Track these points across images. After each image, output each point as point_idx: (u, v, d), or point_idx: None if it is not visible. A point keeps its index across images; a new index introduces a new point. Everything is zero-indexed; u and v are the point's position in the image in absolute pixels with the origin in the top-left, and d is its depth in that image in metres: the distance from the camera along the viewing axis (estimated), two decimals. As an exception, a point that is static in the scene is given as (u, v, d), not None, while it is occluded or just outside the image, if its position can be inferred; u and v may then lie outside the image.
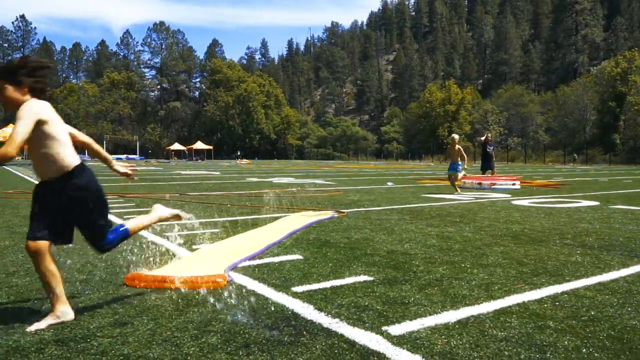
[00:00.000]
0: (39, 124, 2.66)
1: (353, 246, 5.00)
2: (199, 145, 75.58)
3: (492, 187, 13.23)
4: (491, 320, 2.82)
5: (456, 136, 12.14)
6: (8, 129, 40.92)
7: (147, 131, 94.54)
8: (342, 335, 2.59)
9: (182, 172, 25.54)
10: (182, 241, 5.17)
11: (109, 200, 3.15)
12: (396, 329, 2.67)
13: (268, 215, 7.41)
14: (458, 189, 11.97)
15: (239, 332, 2.62)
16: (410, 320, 2.82)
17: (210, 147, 76.69)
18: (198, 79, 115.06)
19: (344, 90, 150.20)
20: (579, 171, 31.48)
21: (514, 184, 13.43)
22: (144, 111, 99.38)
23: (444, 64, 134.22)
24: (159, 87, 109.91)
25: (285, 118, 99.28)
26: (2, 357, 2.30)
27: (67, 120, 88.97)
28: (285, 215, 7.30)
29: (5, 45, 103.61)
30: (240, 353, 2.36)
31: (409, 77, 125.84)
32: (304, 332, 2.63)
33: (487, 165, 15.70)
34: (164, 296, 3.26)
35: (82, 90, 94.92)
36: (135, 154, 79.68)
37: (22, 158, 52.70)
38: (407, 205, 9.02)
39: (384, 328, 2.69)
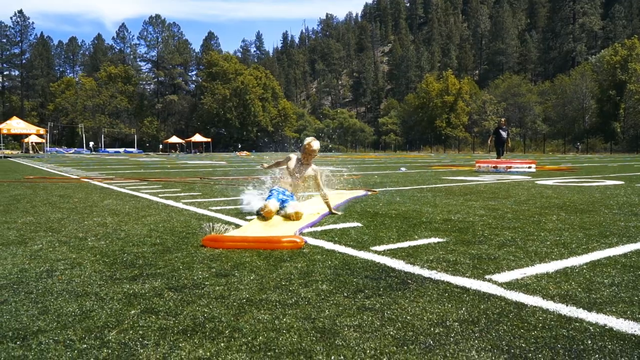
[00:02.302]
0: None
1: (405, 216, 5.00)
2: (197, 137, 75.28)
3: (508, 170, 13.25)
4: (589, 271, 2.83)
5: (315, 144, 5.15)
6: (12, 122, 40.59)
7: (145, 124, 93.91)
8: (449, 283, 2.59)
9: (189, 162, 25.44)
10: (232, 215, 5.16)
11: (135, 184, 3.14)
12: (500, 277, 2.68)
13: (301, 194, 7.39)
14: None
15: (345, 282, 2.62)
16: (509, 270, 2.82)
17: (209, 140, 76.41)
18: (194, 72, 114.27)
19: (340, 82, 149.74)
20: (584, 159, 31.59)
21: (530, 167, 13.45)
22: (141, 104, 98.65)
23: (440, 54, 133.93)
24: (155, 80, 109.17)
25: (283, 110, 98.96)
26: (126, 300, 2.29)
27: (65, 114, 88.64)
28: (318, 193, 7.28)
29: (4, 40, 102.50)
30: (359, 297, 2.36)
31: (406, 68, 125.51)
32: (409, 281, 2.63)
33: (502, 149, 15.75)
34: (247, 254, 3.25)
35: (79, 84, 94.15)
36: (133, 147, 79.24)
37: (34, 152, 52.34)
38: (434, 185, 9.02)
39: (487, 277, 2.70)
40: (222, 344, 1.80)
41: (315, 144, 5.13)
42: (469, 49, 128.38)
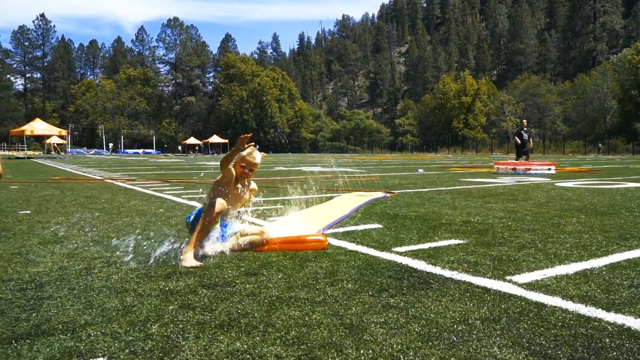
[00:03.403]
0: None
1: (425, 218, 5.08)
2: (215, 139, 75.95)
3: (527, 172, 13.19)
4: (608, 273, 2.89)
5: (258, 156, 3.63)
6: (35, 123, 41.50)
7: (163, 126, 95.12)
8: (470, 283, 2.68)
9: (208, 163, 25.75)
10: (255, 216, 5.29)
11: (158, 186, 3.28)
12: (521, 278, 2.76)
13: (321, 195, 7.50)
14: None
15: (369, 281, 2.72)
16: (529, 272, 2.90)
17: (226, 141, 77.04)
18: (212, 74, 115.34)
19: (357, 83, 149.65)
20: (605, 160, 31.14)
21: (549, 169, 13.37)
22: (159, 106, 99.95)
23: (457, 55, 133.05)
24: (173, 82, 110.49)
25: (299, 112, 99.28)
26: (163, 297, 2.43)
27: (86, 115, 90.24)
28: (338, 195, 7.39)
29: (26, 43, 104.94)
30: (383, 295, 2.46)
31: (422, 69, 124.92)
32: (431, 281, 2.73)
33: (523, 151, 15.67)
34: (274, 254, 3.37)
35: (99, 87, 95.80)
36: (152, 148, 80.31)
37: (56, 153, 53.42)
38: (453, 187, 9.06)
39: (507, 277, 2.78)
40: (257, 338, 1.91)
41: (258, 156, 3.59)
42: (487, 49, 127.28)
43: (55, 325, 2.07)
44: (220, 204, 3.27)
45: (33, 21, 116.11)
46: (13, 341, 1.89)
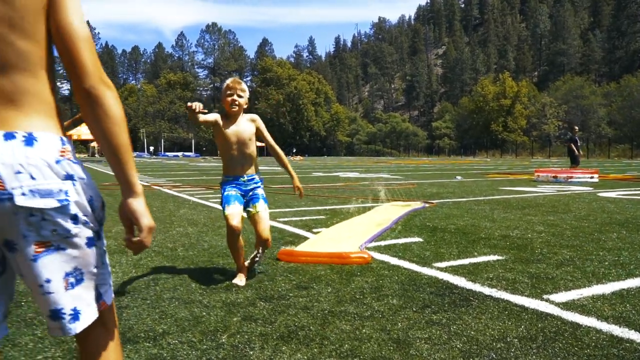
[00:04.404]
0: None
1: (464, 231, 5.22)
2: (252, 142, 77.23)
3: (569, 180, 13.00)
4: (645, 292, 3.00)
5: (228, 80, 3.48)
6: (82, 128, 43.29)
7: (202, 129, 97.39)
8: (509, 301, 2.85)
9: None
10: (299, 227, 5.56)
11: (203, 193, 3.55)
12: (557, 297, 2.90)
13: (361, 205, 7.72)
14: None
15: (412, 297, 2.93)
16: (566, 291, 3.04)
17: (263, 145, 78.15)
18: (249, 78, 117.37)
19: (393, 86, 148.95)
20: (650, 165, 30.05)
21: (592, 177, 13.14)
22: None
23: (496, 56, 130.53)
24: (212, 86, 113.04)
25: (335, 115, 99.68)
26: (226, 308, 2.71)
27: (128, 119, 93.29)
28: (377, 205, 7.58)
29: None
30: (426, 311, 2.67)
31: (460, 71, 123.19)
32: (471, 298, 2.91)
33: (577, 160, 15.58)
34: (321, 267, 3.62)
35: (141, 91, 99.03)
36: (191, 151, 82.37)
37: (100, 156, 55.60)
38: (491, 197, 9.10)
39: (545, 296, 2.93)
40: (315, 350, 2.16)
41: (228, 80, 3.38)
42: (527, 50, 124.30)
43: (137, 333, 2.37)
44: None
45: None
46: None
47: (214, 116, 3.32)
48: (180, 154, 78.25)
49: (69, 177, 1.03)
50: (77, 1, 1.07)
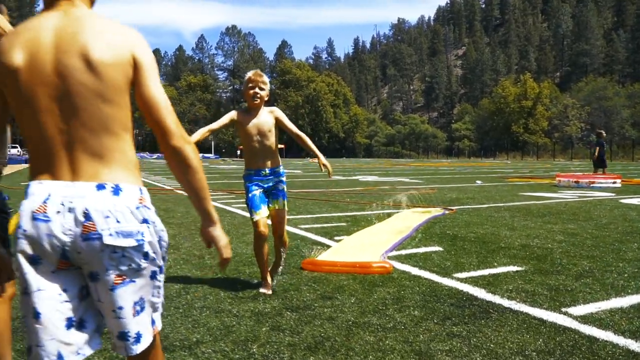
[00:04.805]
0: None
1: (484, 240, 5.29)
2: (271, 144, 77.69)
3: (591, 185, 12.88)
4: (663, 307, 3.05)
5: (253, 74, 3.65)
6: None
7: (221, 131, 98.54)
8: (527, 314, 2.93)
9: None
10: (321, 234, 5.68)
11: (224, 198, 3.67)
12: (575, 311, 2.97)
13: (381, 211, 7.81)
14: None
15: (433, 309, 3.03)
16: (584, 304, 3.10)
17: (283, 146, 78.65)
18: (268, 80, 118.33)
19: (412, 87, 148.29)
20: (677, 168, 29.43)
21: (614, 182, 13.00)
22: (218, 112, 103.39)
23: (517, 57, 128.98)
24: (231, 88, 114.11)
25: (354, 117, 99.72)
26: (255, 318, 2.85)
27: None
28: (396, 212, 7.67)
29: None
30: (447, 323, 2.77)
31: (480, 72, 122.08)
32: (491, 310, 3.00)
33: (604, 164, 15.49)
34: (344, 277, 3.74)
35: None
36: (210, 152, 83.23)
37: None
38: (512, 203, 9.10)
39: (563, 309, 3.00)
40: (340, 360, 2.28)
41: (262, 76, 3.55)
42: (549, 51, 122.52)
43: (173, 341, 2.52)
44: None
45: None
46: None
47: (227, 117, 3.48)
48: (200, 155, 79.06)
49: (145, 221, 1.23)
50: (156, 73, 1.28)
